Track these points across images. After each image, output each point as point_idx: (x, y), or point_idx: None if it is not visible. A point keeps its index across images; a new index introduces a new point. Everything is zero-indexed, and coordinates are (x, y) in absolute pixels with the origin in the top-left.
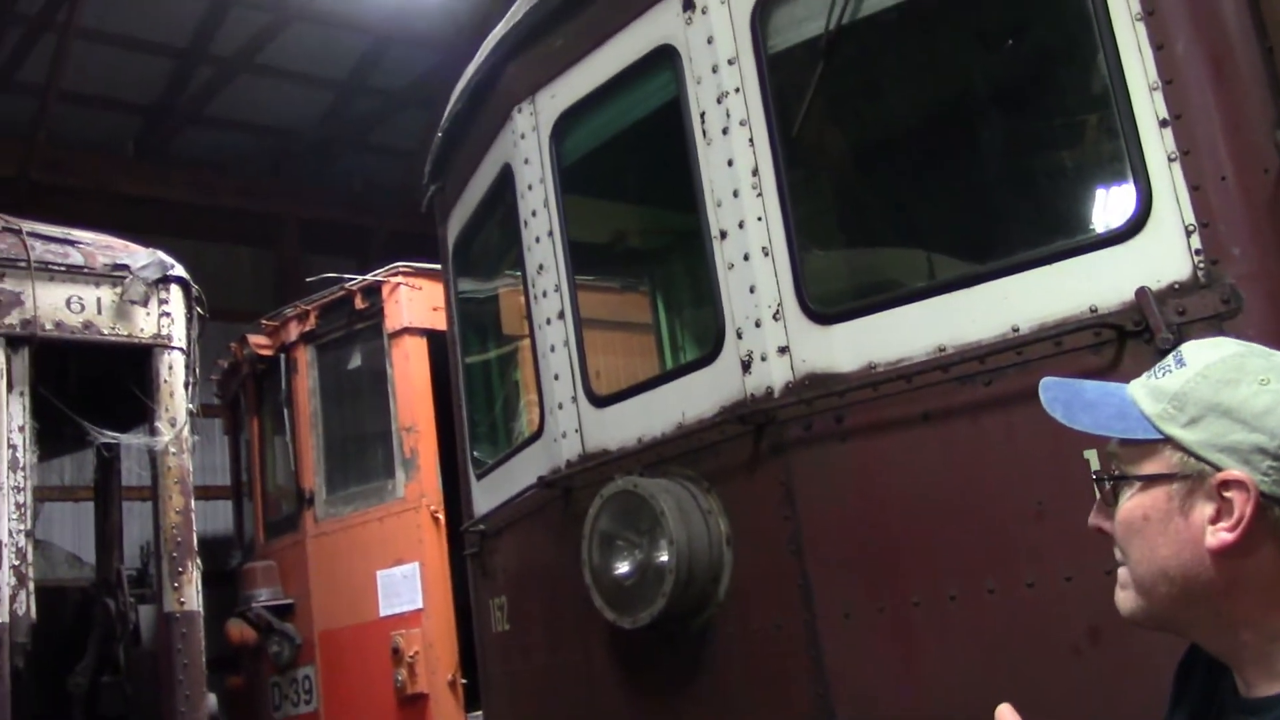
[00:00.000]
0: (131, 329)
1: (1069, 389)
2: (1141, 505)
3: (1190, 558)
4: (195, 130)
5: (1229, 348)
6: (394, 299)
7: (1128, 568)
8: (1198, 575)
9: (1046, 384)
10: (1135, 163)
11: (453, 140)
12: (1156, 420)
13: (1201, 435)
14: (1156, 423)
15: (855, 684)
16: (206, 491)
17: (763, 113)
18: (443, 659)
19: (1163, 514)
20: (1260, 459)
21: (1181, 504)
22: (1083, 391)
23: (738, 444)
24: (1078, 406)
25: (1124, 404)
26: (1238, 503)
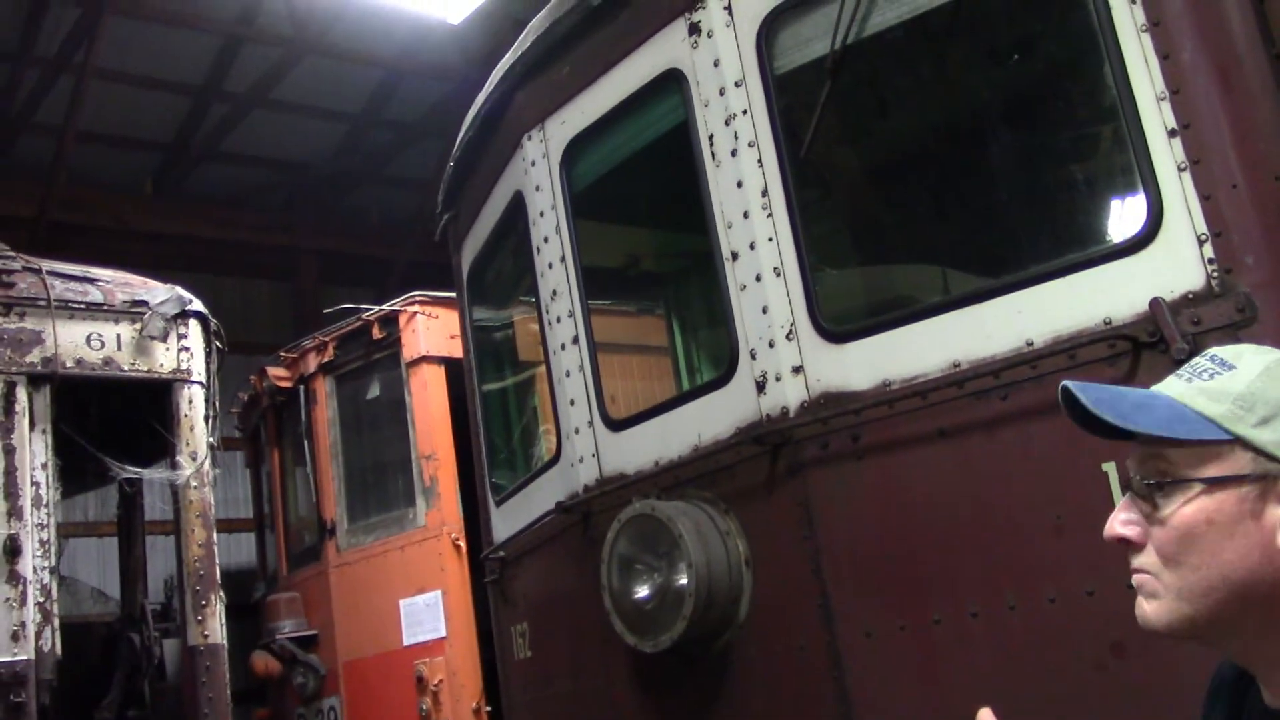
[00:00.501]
0: (151, 364)
1: (1108, 391)
2: (1205, 509)
3: (1258, 561)
4: (211, 166)
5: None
6: (411, 328)
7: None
8: (1263, 579)
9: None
10: (1145, 173)
11: (464, 169)
12: (1223, 421)
13: (1275, 435)
14: (1224, 424)
15: (879, 704)
16: (229, 524)
17: (771, 134)
18: (467, 687)
19: (1230, 517)
20: None
21: (1253, 506)
22: (1126, 394)
23: (754, 465)
24: (1127, 409)
25: (1173, 405)
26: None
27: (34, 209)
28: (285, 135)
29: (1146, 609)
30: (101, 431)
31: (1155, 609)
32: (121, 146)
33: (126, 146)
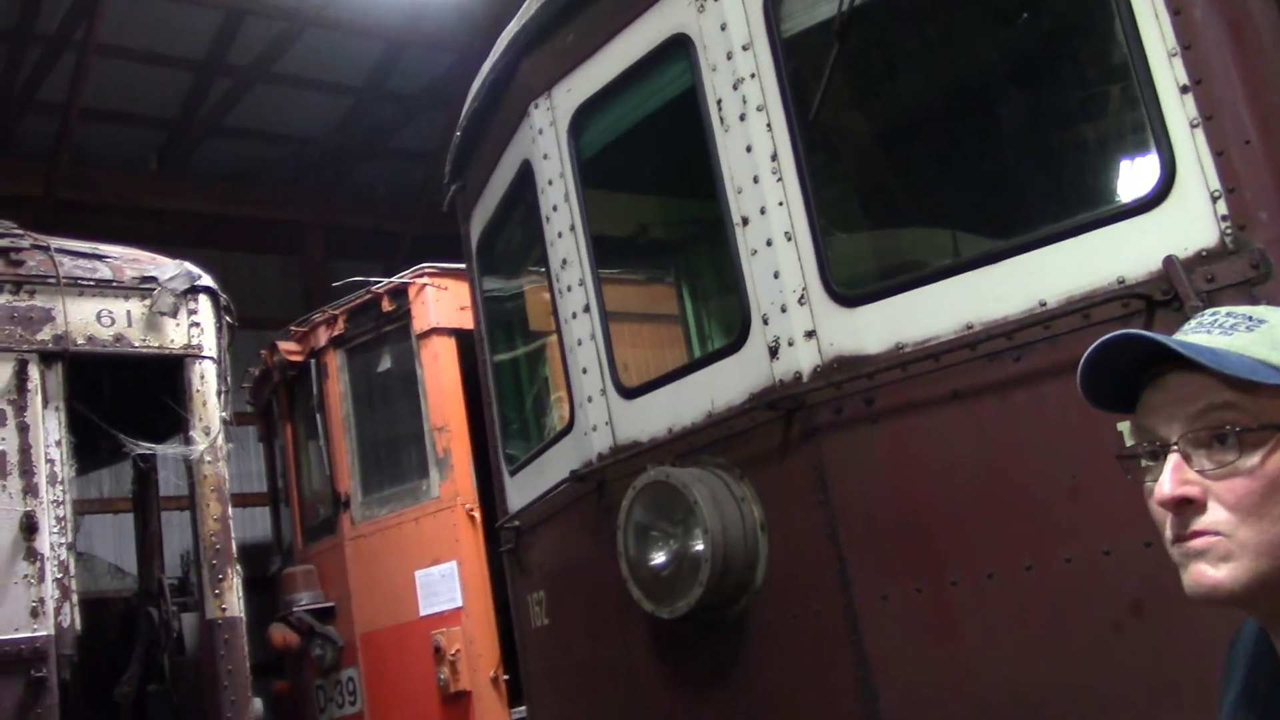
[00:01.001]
0: (162, 340)
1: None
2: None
3: None
4: (216, 142)
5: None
6: (421, 300)
7: (1249, 531)
8: None
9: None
10: (1157, 130)
11: (471, 139)
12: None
13: None
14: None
15: (897, 666)
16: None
17: (779, 97)
18: (484, 656)
19: None
20: None
21: None
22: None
23: (768, 430)
24: (1208, 355)
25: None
26: None
27: (40, 188)
28: (289, 109)
29: (1217, 574)
30: (114, 408)
31: (1231, 571)
32: (125, 123)
33: (130, 123)
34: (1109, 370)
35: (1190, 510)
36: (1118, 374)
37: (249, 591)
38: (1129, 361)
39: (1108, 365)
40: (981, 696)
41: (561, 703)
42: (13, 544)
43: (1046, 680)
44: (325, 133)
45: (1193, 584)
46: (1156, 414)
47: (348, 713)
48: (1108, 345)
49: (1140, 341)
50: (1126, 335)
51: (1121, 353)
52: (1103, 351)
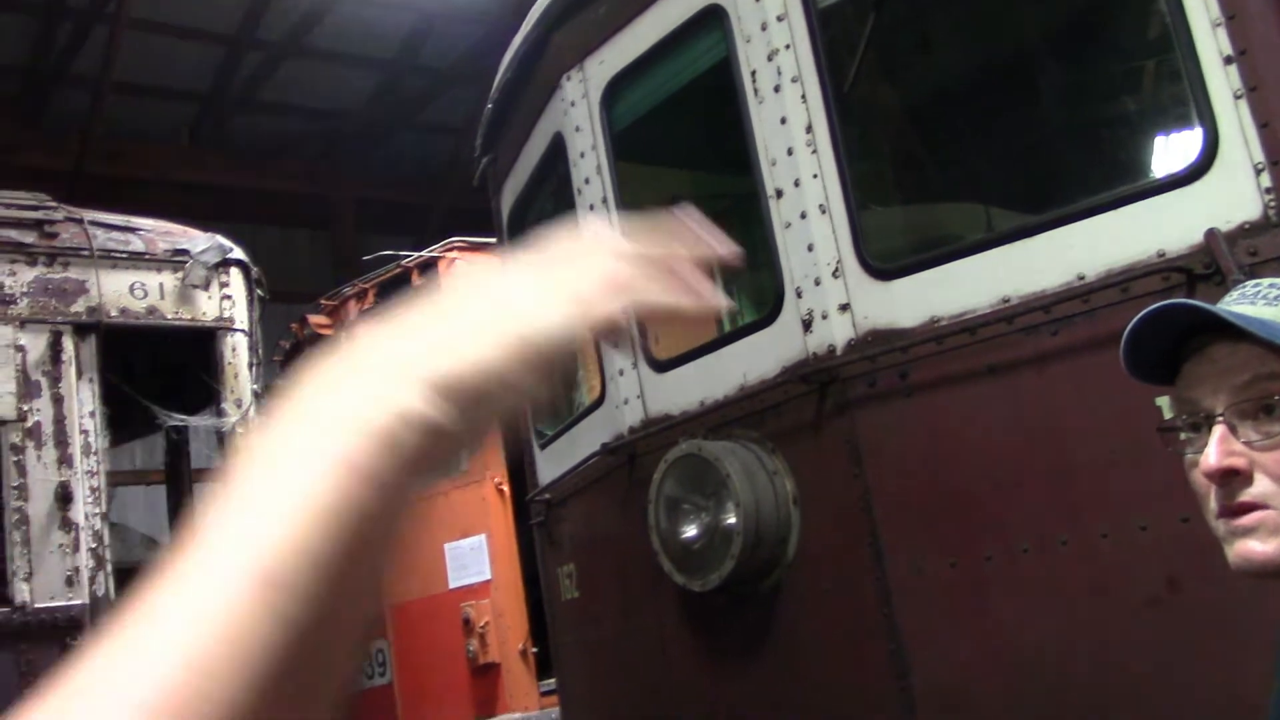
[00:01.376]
0: (194, 313)
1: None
2: None
3: None
4: (247, 116)
5: None
6: (451, 274)
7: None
8: None
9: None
10: (1200, 102)
11: (503, 111)
12: None
13: None
14: None
15: (929, 640)
16: None
17: (814, 69)
18: (513, 628)
19: None
20: None
21: None
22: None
23: (801, 403)
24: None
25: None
26: None
27: (73, 162)
28: (320, 83)
29: (1266, 548)
30: (147, 380)
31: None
32: (158, 97)
33: (163, 97)
34: (1151, 341)
35: (1236, 482)
36: (1159, 345)
37: None
38: (1171, 333)
39: (1150, 336)
40: (1015, 671)
41: (591, 675)
42: (48, 514)
43: (1081, 656)
44: (356, 106)
45: (1240, 559)
46: (1200, 385)
47: (378, 684)
48: (1154, 315)
49: (1188, 311)
50: (1175, 305)
51: (1165, 324)
52: (1148, 321)
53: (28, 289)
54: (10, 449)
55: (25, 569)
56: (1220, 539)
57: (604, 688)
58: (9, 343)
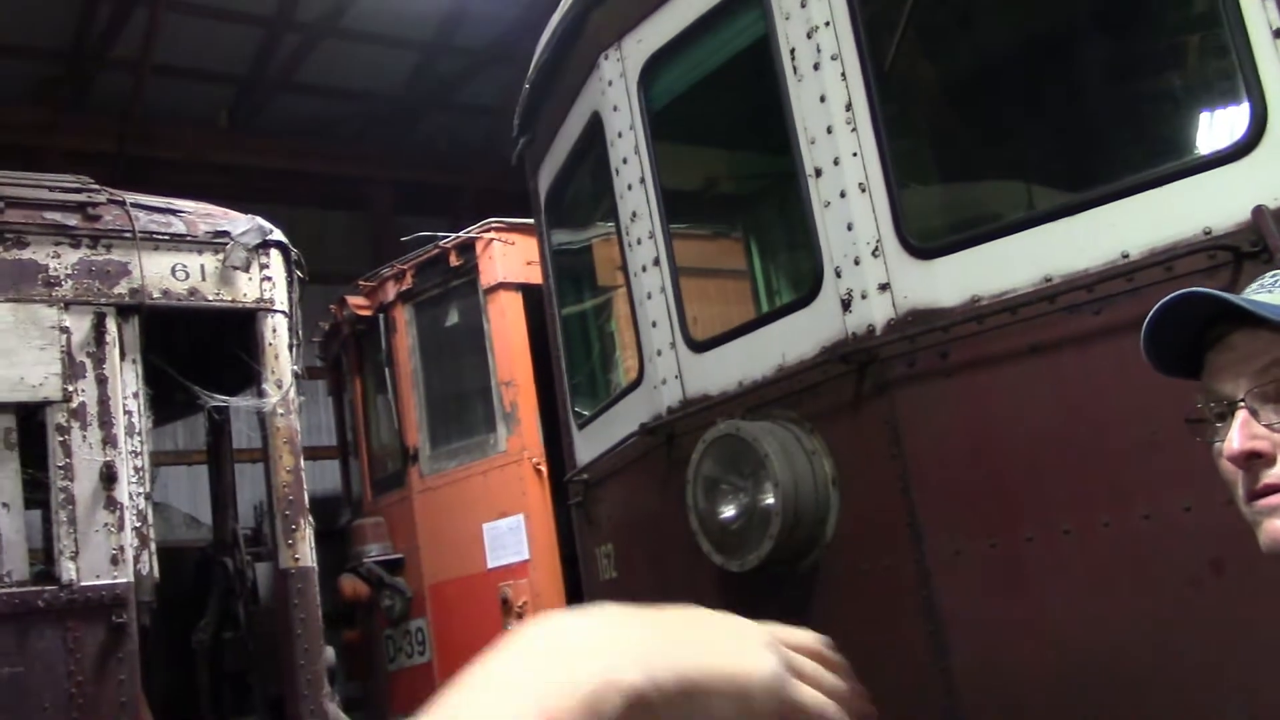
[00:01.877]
0: (235, 294)
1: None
2: None
3: None
4: (286, 98)
5: None
6: (488, 254)
7: None
8: None
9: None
10: (1248, 77)
11: (540, 91)
12: None
13: None
14: None
15: (969, 622)
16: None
17: (854, 46)
18: (550, 608)
19: None
20: None
21: None
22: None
23: (840, 384)
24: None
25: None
26: None
27: (113, 144)
28: (357, 65)
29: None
30: (189, 361)
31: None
32: (197, 79)
33: (201, 79)
34: (1172, 333)
35: (1260, 465)
36: (1181, 337)
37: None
38: (1191, 324)
39: (1170, 328)
40: (1056, 653)
41: None
42: (93, 493)
43: (1123, 638)
44: (393, 88)
45: (1269, 540)
46: (1222, 373)
47: (416, 662)
48: (1170, 305)
49: (1203, 300)
50: (1189, 294)
51: (1182, 314)
52: (1166, 312)
53: (72, 271)
54: (56, 429)
55: (71, 548)
56: (1251, 523)
57: None
58: (54, 324)
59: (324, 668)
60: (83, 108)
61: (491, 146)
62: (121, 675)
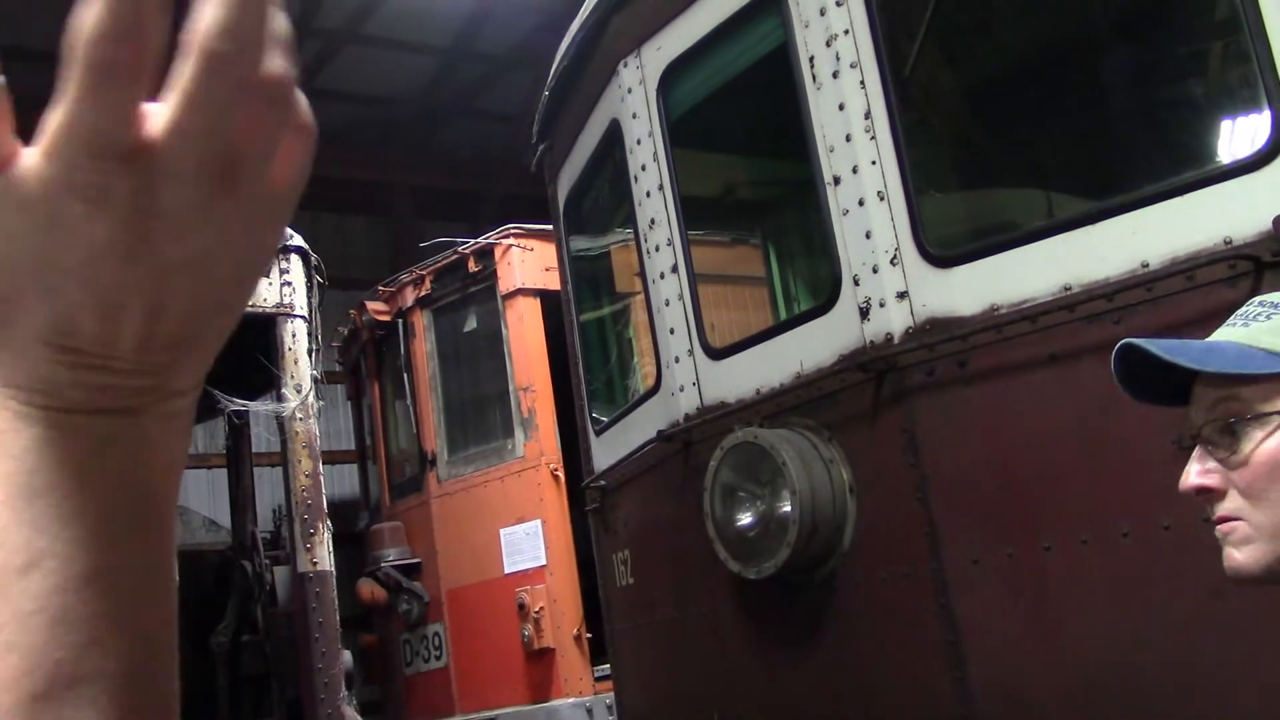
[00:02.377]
0: (255, 299)
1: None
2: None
3: None
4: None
5: None
6: (506, 260)
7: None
8: None
9: (1147, 341)
10: (1269, 86)
11: (560, 98)
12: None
13: None
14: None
15: (986, 631)
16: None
17: (873, 54)
18: (567, 614)
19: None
20: None
21: None
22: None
23: (858, 392)
24: (1198, 354)
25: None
26: None
27: None
28: (377, 70)
29: (1239, 557)
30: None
31: (1248, 554)
32: None
33: None
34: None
35: (1214, 497)
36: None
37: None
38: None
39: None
40: (1073, 663)
41: (646, 661)
42: None
43: (1142, 648)
44: (413, 94)
45: (1225, 566)
46: (1194, 405)
47: (433, 667)
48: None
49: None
50: (1122, 347)
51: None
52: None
53: None
54: None
55: None
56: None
57: (658, 674)
58: None
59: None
60: None
61: (513, 152)
62: None
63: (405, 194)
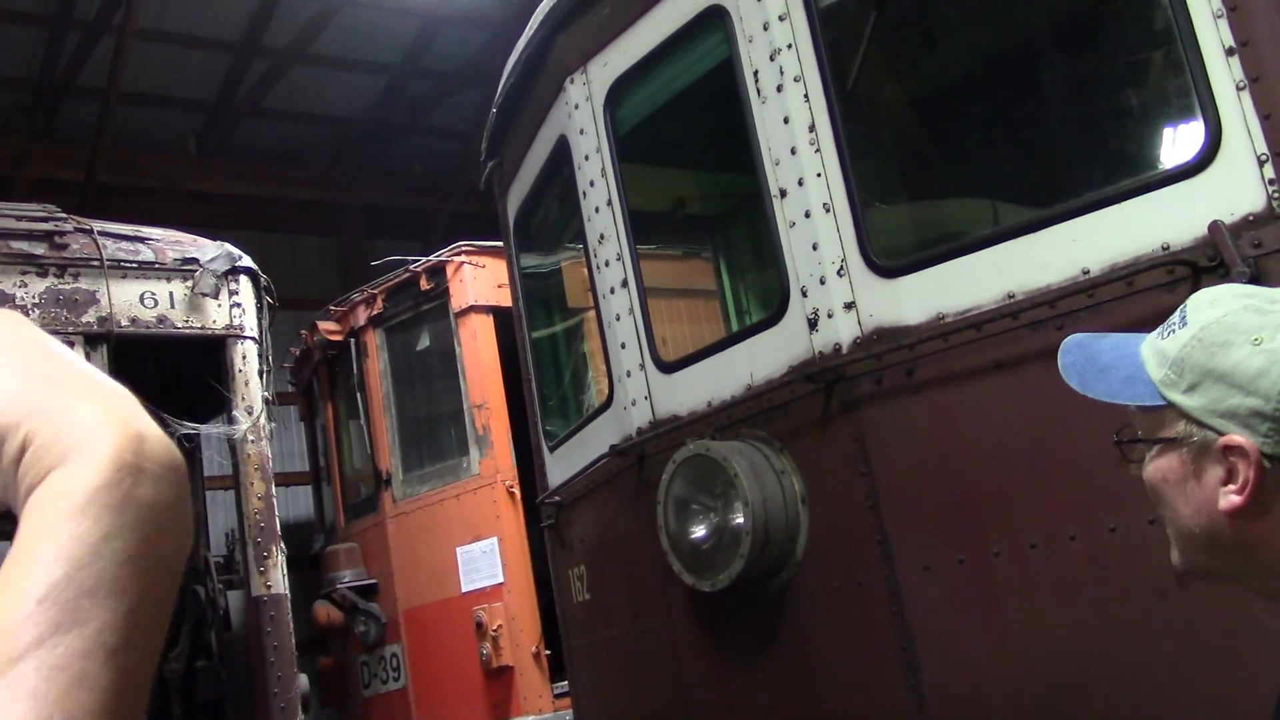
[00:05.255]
0: (204, 321)
1: (1086, 351)
2: (1160, 468)
3: (1209, 518)
4: (254, 124)
5: (1227, 303)
6: (458, 278)
7: (1169, 527)
8: (1221, 532)
9: (1067, 346)
10: (1202, 94)
11: (508, 115)
12: (1160, 386)
13: (1200, 401)
14: (1161, 389)
15: (939, 637)
16: (286, 478)
17: (816, 68)
18: (526, 631)
19: (1179, 476)
20: (1259, 422)
21: (1193, 468)
22: (1099, 354)
23: (808, 402)
24: (1092, 373)
25: (1135, 367)
26: (1241, 467)
27: (81, 172)
28: (326, 89)
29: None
30: (158, 389)
31: (1175, 557)
32: (165, 106)
33: (170, 106)
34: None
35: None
36: None
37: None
38: None
39: None
40: (1025, 666)
41: (604, 676)
42: None
43: (1091, 649)
44: (362, 112)
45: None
46: None
47: (391, 688)
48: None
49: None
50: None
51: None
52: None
53: (39, 300)
54: None
55: None
56: None
57: (616, 689)
58: None
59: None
60: (51, 135)
61: (463, 169)
62: None
63: (356, 213)
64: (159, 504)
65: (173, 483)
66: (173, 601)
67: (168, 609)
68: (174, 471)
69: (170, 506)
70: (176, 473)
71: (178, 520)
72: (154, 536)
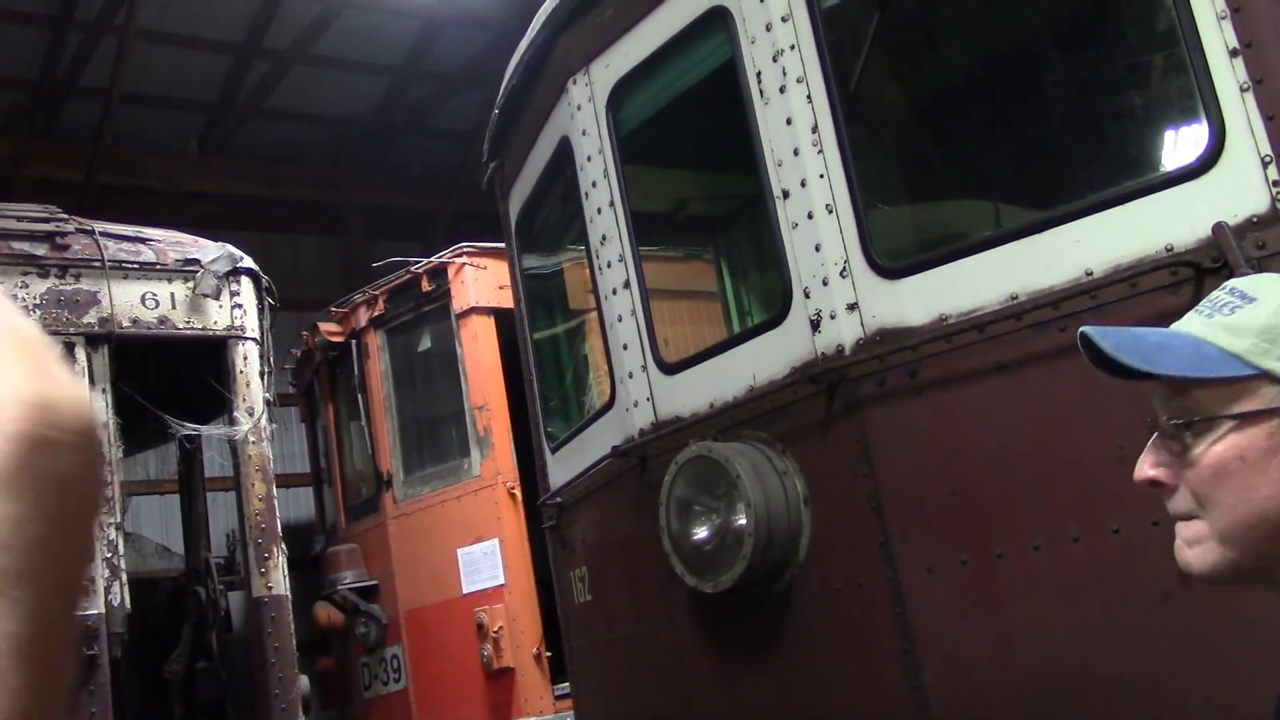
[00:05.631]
0: (205, 322)
1: (1128, 335)
2: (1236, 446)
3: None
4: (256, 124)
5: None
6: (460, 279)
7: (1207, 519)
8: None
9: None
10: (1206, 95)
11: (510, 116)
12: (1248, 356)
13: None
14: (1248, 358)
15: (941, 638)
16: (286, 479)
17: (819, 69)
18: (527, 633)
19: (1261, 452)
20: None
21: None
22: (1145, 336)
23: (811, 404)
24: (1150, 350)
25: (1194, 344)
26: None
27: (83, 172)
28: (327, 90)
29: (1188, 555)
30: (159, 390)
31: (1197, 554)
32: (166, 107)
33: (171, 107)
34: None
35: (1166, 491)
36: None
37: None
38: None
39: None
40: (1028, 668)
41: (605, 677)
42: None
43: (1094, 651)
44: (364, 113)
45: (1177, 559)
46: (1156, 394)
47: (392, 689)
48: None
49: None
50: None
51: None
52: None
53: (40, 301)
54: None
55: None
56: None
57: (618, 690)
58: None
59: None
60: (52, 136)
61: (464, 170)
62: (94, 708)
63: (357, 214)
64: (72, 475)
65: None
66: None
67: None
68: (86, 436)
69: (83, 477)
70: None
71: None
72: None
